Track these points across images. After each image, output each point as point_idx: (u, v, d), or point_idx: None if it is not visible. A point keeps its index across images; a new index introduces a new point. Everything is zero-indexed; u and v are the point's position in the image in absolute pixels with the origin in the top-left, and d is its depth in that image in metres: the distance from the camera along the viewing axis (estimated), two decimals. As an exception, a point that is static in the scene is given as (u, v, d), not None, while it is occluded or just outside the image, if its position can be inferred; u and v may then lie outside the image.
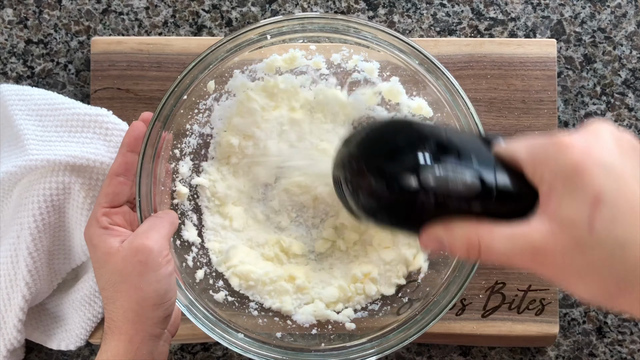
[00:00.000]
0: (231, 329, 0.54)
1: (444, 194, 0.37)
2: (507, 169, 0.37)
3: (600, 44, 0.64)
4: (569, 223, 0.33)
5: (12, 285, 0.57)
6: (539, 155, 0.35)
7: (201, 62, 0.52)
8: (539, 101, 0.61)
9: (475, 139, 0.40)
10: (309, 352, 0.54)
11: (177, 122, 0.54)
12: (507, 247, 0.35)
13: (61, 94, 0.60)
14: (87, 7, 0.65)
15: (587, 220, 0.32)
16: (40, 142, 0.57)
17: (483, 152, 0.38)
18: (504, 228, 0.35)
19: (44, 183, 0.56)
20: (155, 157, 0.52)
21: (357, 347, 0.54)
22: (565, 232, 0.33)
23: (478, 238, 0.36)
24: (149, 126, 0.51)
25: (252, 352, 0.53)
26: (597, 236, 0.32)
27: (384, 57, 0.56)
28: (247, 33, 0.52)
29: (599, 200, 0.32)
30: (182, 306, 0.52)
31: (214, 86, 0.56)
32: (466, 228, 0.37)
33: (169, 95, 0.52)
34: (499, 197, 0.37)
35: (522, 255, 0.34)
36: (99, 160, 0.56)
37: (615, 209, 0.32)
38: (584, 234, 0.32)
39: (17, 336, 0.58)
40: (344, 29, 0.53)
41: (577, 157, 0.33)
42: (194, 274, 0.57)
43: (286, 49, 0.56)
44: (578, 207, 0.32)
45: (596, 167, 0.32)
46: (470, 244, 0.36)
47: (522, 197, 0.36)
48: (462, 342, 0.62)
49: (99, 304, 0.59)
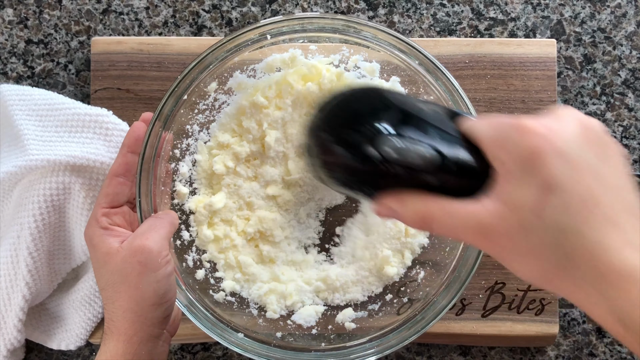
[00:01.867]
0: (231, 328, 0.54)
1: (401, 164, 0.37)
2: (468, 146, 0.37)
3: (600, 44, 0.64)
4: (518, 206, 0.33)
5: (12, 285, 0.57)
6: (500, 136, 0.35)
7: (201, 62, 0.52)
8: (539, 101, 0.61)
9: (442, 113, 0.40)
10: (309, 352, 0.54)
11: (177, 122, 0.55)
12: (457, 223, 0.36)
13: (61, 94, 0.60)
14: (87, 7, 0.65)
15: (536, 205, 0.32)
16: (40, 142, 0.57)
17: (447, 126, 0.39)
18: (456, 204, 0.36)
19: (44, 183, 0.56)
20: (155, 157, 0.52)
21: (357, 347, 0.54)
22: (514, 214, 0.33)
23: (430, 212, 0.37)
24: (149, 126, 0.51)
25: (252, 352, 0.53)
26: (544, 222, 0.32)
27: (384, 57, 0.56)
28: (247, 33, 0.52)
29: (552, 187, 0.32)
30: (182, 306, 0.52)
31: (216, 86, 0.56)
32: (419, 202, 0.37)
33: (169, 95, 0.52)
34: (456, 173, 0.37)
35: (471, 232, 0.35)
36: (99, 161, 0.56)
37: (566, 198, 0.32)
38: (532, 218, 0.33)
39: (17, 336, 0.58)
40: (344, 29, 0.53)
41: (536, 142, 0.33)
42: (194, 274, 0.57)
43: (286, 49, 0.56)
44: (530, 191, 0.33)
45: (554, 154, 0.33)
46: (422, 217, 0.37)
47: (479, 175, 0.36)
48: (462, 342, 0.62)
49: (99, 303, 0.60)
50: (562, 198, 0.32)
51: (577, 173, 0.33)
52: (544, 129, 0.33)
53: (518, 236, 0.33)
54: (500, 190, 0.34)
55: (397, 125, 0.38)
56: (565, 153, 0.33)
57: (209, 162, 0.58)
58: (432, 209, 0.37)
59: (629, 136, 0.64)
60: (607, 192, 0.33)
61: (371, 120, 0.38)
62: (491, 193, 0.35)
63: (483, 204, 0.35)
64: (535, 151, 0.33)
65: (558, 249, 0.32)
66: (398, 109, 0.39)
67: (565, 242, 0.32)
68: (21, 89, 0.59)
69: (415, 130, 0.38)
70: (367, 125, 0.38)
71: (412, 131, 0.37)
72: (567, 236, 0.32)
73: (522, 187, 0.33)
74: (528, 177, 0.33)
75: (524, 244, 0.33)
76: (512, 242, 0.34)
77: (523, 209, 0.33)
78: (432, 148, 0.37)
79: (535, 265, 0.34)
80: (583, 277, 0.32)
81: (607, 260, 0.31)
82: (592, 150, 0.34)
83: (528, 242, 0.33)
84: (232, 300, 0.57)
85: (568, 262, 0.32)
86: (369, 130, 0.38)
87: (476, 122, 0.37)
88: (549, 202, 0.32)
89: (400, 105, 0.39)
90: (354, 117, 0.39)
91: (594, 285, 0.32)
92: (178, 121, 0.55)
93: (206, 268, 0.58)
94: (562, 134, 0.33)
